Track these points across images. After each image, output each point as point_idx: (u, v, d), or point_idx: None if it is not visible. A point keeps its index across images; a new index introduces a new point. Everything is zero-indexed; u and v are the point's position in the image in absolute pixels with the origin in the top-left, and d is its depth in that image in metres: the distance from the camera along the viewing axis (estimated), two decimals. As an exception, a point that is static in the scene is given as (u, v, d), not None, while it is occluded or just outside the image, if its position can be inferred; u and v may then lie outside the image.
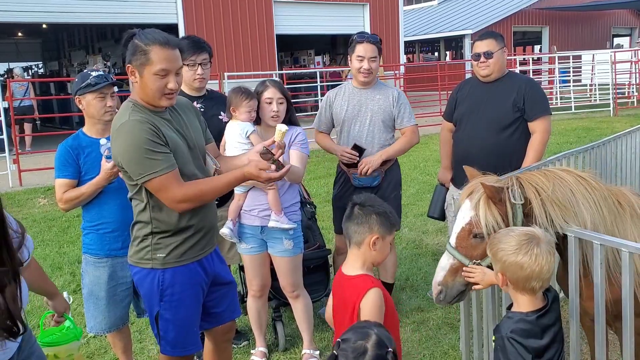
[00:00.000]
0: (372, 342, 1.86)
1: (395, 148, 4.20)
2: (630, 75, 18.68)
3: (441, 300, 2.62)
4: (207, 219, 2.75)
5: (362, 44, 4.05)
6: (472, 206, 2.53)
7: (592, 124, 14.40)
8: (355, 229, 2.41)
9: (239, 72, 14.82)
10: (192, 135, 2.73)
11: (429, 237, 6.31)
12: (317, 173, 9.96)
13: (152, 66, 2.48)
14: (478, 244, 2.51)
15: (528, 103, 4.02)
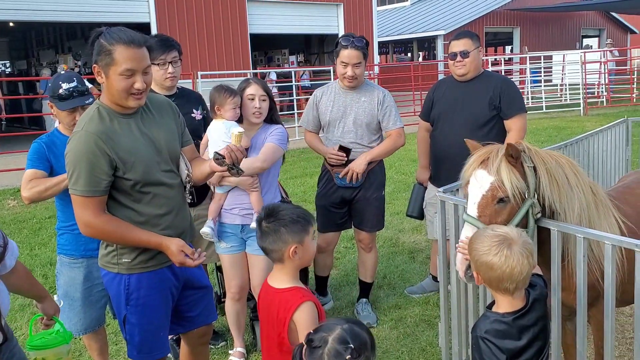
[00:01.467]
0: (334, 336, 1.80)
1: (379, 150, 4.17)
2: (600, 76, 19.03)
3: (470, 275, 2.49)
4: (175, 225, 2.68)
5: (347, 50, 3.99)
6: (492, 171, 2.48)
7: (563, 123, 14.65)
8: (271, 248, 2.32)
9: (213, 72, 14.71)
10: (162, 139, 2.63)
11: (405, 235, 6.34)
12: (293, 173, 9.94)
13: (116, 66, 2.41)
14: (502, 209, 2.48)
15: (504, 101, 4.07)
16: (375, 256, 4.50)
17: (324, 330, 1.85)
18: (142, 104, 2.55)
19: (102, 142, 2.44)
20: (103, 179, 2.45)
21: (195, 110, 3.82)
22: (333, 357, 1.76)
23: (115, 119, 2.53)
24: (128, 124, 2.55)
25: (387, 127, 4.17)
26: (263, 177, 3.58)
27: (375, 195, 4.23)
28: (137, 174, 2.51)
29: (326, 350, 1.77)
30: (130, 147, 2.51)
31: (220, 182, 3.52)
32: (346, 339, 1.78)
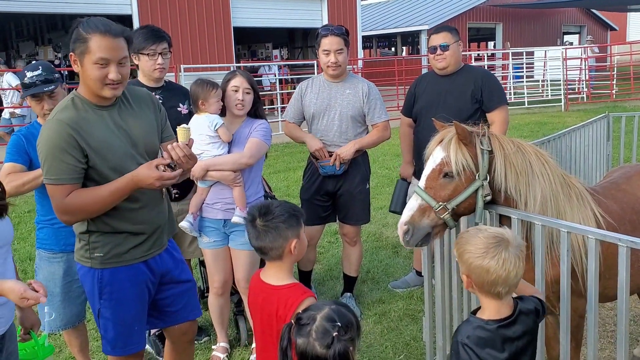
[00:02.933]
0: (322, 314, 1.82)
1: (367, 140, 4.18)
2: (580, 72, 19.23)
3: (408, 240, 2.67)
4: (150, 220, 2.64)
5: (328, 37, 4.00)
6: (442, 148, 2.64)
7: (544, 119, 14.77)
8: (271, 246, 2.26)
9: (196, 65, 14.59)
10: (139, 132, 2.60)
11: (389, 230, 6.34)
12: (276, 167, 9.90)
13: (91, 55, 2.39)
14: (447, 183, 2.63)
15: (486, 94, 4.12)
16: (360, 250, 4.49)
17: (312, 310, 1.87)
18: (117, 94, 2.51)
19: (71, 130, 2.41)
20: (73, 167, 2.42)
21: (182, 104, 3.78)
22: (321, 333, 1.78)
23: (90, 109, 2.51)
24: (103, 116, 2.52)
25: (372, 120, 4.17)
26: (246, 172, 3.55)
27: (359, 188, 4.22)
28: (109, 166, 2.48)
29: (314, 327, 1.80)
30: (102, 138, 2.48)
31: (203, 177, 3.49)
32: (334, 317, 1.81)
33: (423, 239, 2.69)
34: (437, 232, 2.72)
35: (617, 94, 18.46)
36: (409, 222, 2.65)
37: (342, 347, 1.75)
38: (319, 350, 1.76)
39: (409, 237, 2.66)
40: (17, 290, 2.07)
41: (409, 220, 2.65)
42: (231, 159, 3.48)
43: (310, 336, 1.78)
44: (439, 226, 2.69)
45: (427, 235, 2.69)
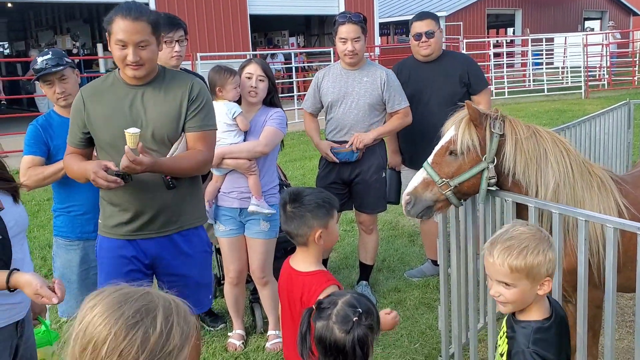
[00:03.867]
0: (344, 300, 1.84)
1: (387, 127, 4.17)
2: (601, 58, 18.90)
3: (409, 210, 2.82)
4: (138, 202, 2.65)
5: (345, 25, 3.98)
6: (455, 127, 2.72)
7: (564, 106, 14.57)
8: (295, 232, 2.30)
9: (212, 53, 14.58)
10: (152, 116, 2.62)
11: (405, 218, 6.31)
12: (292, 155, 9.90)
13: (113, 35, 2.52)
14: (451, 161, 2.72)
15: (472, 77, 4.27)
16: (376, 238, 4.48)
17: (334, 295, 1.90)
18: (138, 75, 2.58)
19: (82, 100, 2.66)
20: (75, 133, 2.70)
21: (198, 91, 3.79)
22: (342, 317, 1.78)
23: (117, 85, 2.65)
24: (127, 93, 2.62)
25: (392, 107, 4.14)
26: (261, 161, 3.55)
27: (375, 177, 4.20)
28: (105, 140, 2.63)
29: (335, 310, 1.80)
30: (107, 113, 2.61)
31: (219, 165, 3.49)
32: (355, 303, 1.82)
33: (424, 211, 2.80)
34: (439, 207, 2.82)
35: (639, 80, 18.13)
36: (412, 193, 2.79)
37: (361, 332, 1.75)
38: (338, 334, 1.76)
39: (409, 207, 2.81)
40: (33, 285, 2.08)
41: (412, 192, 2.78)
42: (247, 147, 3.48)
43: (330, 319, 1.79)
44: (441, 202, 2.79)
45: (428, 208, 2.79)
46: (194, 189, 2.85)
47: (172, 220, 2.76)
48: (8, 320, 2.14)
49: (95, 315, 1.23)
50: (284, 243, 4.01)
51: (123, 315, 1.21)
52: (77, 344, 1.22)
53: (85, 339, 1.21)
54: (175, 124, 2.69)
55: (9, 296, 2.12)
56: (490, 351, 3.10)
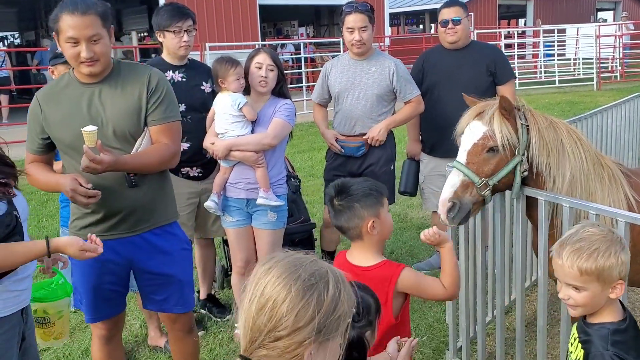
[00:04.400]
0: None
1: (399, 117, 4.14)
2: (614, 50, 18.69)
3: (453, 217, 2.61)
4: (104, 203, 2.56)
5: (352, 15, 3.94)
6: (485, 121, 2.59)
7: (575, 98, 14.44)
8: (347, 226, 2.24)
9: (221, 43, 14.55)
10: (111, 113, 2.54)
11: (414, 210, 6.29)
12: (300, 147, 9.88)
13: (62, 34, 2.43)
14: (490, 158, 2.59)
15: (499, 68, 4.23)
16: (385, 231, 4.45)
17: None
18: (95, 71, 2.50)
19: (38, 106, 2.59)
20: (33, 139, 2.64)
21: (205, 82, 3.76)
22: None
23: (72, 86, 2.58)
24: (83, 93, 2.56)
25: (405, 97, 4.11)
26: (269, 153, 3.52)
27: (384, 169, 4.17)
28: (66, 143, 2.56)
29: None
30: (64, 114, 2.54)
31: (226, 157, 3.47)
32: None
33: (465, 217, 2.66)
34: (475, 209, 2.70)
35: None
36: (454, 198, 2.60)
37: (355, 334, 1.71)
38: None
39: (454, 214, 2.61)
40: (75, 243, 2.19)
41: (454, 197, 2.60)
42: (254, 139, 3.45)
43: None
44: (478, 203, 2.67)
45: (469, 212, 2.65)
46: (163, 185, 2.78)
47: (143, 219, 2.68)
48: (18, 306, 2.17)
49: (273, 277, 1.29)
50: (291, 235, 4.01)
51: (300, 277, 1.28)
52: (253, 304, 1.29)
53: (263, 298, 1.28)
54: (136, 119, 2.59)
55: (18, 283, 2.14)
56: (499, 345, 3.08)
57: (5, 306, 2.08)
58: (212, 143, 3.50)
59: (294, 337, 1.25)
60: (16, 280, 2.13)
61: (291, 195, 4.12)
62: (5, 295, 2.07)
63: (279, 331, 1.26)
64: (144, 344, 3.83)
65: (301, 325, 1.25)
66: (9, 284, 2.08)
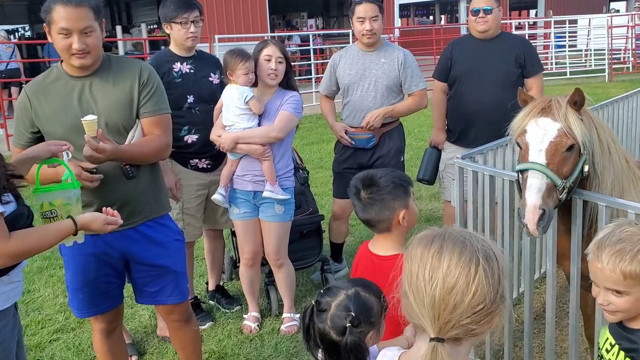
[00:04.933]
0: (337, 302, 1.74)
1: (399, 107, 4.09)
2: (626, 40, 18.50)
3: (542, 226, 2.34)
4: (97, 195, 2.57)
5: (362, 5, 3.92)
6: (559, 118, 2.36)
7: (587, 90, 13.83)
8: (377, 219, 2.18)
9: (230, 35, 14.54)
10: (103, 106, 2.56)
11: (422, 202, 6.28)
12: (309, 139, 9.87)
13: (55, 25, 2.43)
14: (569, 157, 2.37)
15: (528, 60, 4.14)
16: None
17: (329, 294, 1.79)
18: (86, 63, 2.51)
19: (27, 99, 2.57)
20: (21, 134, 2.60)
21: (213, 74, 3.75)
22: (335, 322, 1.72)
23: (62, 79, 2.57)
24: (73, 86, 2.56)
25: (409, 89, 4.07)
26: (276, 145, 3.51)
27: (394, 161, 4.15)
28: (57, 137, 2.50)
29: (329, 315, 1.74)
30: (55, 108, 2.53)
31: (233, 149, 3.48)
32: (348, 306, 1.73)
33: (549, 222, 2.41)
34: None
35: (665, 63, 17.74)
36: (544, 205, 2.31)
37: (353, 339, 1.68)
38: (335, 337, 1.72)
39: (543, 223, 2.33)
40: (99, 218, 2.24)
41: (543, 203, 2.31)
42: (260, 132, 3.45)
43: (326, 324, 1.73)
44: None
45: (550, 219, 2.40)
46: (155, 177, 2.80)
47: (136, 211, 2.69)
48: (16, 297, 2.19)
49: (454, 258, 1.31)
50: (299, 226, 4.02)
51: (477, 251, 1.32)
52: (437, 288, 1.30)
53: (450, 281, 1.29)
54: (128, 111, 2.61)
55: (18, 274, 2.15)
56: (507, 337, 3.07)
57: (7, 298, 2.10)
58: (219, 135, 3.50)
59: (490, 306, 1.30)
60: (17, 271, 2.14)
61: (299, 187, 4.12)
62: (9, 287, 2.09)
63: (476, 306, 1.29)
64: (153, 334, 3.86)
65: (494, 293, 1.30)
66: (13, 275, 2.10)
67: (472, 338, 1.36)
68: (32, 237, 2.04)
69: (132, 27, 19.25)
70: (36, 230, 2.10)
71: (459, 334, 1.32)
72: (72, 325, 3.98)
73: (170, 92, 3.13)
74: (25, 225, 2.08)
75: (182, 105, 3.59)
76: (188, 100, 3.62)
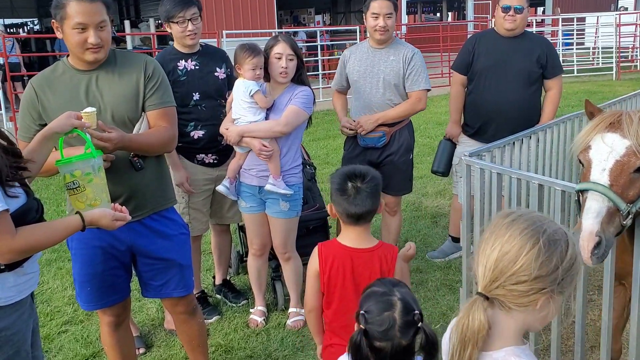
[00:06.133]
0: (399, 310, 1.69)
1: (392, 113, 4.02)
2: (635, 39, 18.42)
3: (599, 255, 2.12)
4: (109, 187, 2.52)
5: (377, 1, 3.93)
6: (626, 134, 2.13)
7: (594, 88, 14.27)
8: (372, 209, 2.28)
9: (238, 30, 14.55)
10: (109, 99, 2.59)
11: (428, 199, 6.29)
12: (316, 135, 9.88)
13: (69, 20, 2.46)
14: (636, 179, 2.13)
15: (550, 61, 4.21)
16: (400, 220, 4.47)
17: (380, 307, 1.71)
18: (99, 57, 2.55)
19: (34, 92, 2.58)
20: (28, 127, 2.59)
21: (219, 68, 3.76)
22: (405, 329, 1.69)
23: (68, 73, 2.60)
24: (79, 80, 2.59)
25: (409, 88, 4.03)
26: (283, 139, 3.52)
27: (403, 159, 4.16)
28: None
29: (397, 327, 1.68)
30: (63, 101, 2.54)
31: (240, 143, 3.49)
32: (411, 305, 1.71)
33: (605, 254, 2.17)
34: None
35: (674, 62, 17.65)
36: (601, 232, 2.09)
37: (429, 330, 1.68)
38: (404, 343, 1.69)
39: (601, 252, 2.11)
40: (107, 214, 2.24)
41: (601, 229, 2.09)
42: (265, 126, 3.46)
43: (395, 337, 1.67)
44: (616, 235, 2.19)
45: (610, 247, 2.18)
46: (161, 170, 2.83)
47: (142, 204, 2.72)
48: (32, 287, 2.21)
49: (519, 228, 1.44)
50: (306, 222, 4.04)
51: (546, 232, 1.42)
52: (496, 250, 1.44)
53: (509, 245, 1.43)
54: (134, 104, 2.65)
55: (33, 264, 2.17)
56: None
57: (23, 289, 2.13)
58: (227, 128, 3.52)
59: (535, 283, 1.41)
60: (32, 262, 2.17)
61: (306, 183, 4.13)
62: (23, 278, 2.12)
63: (522, 275, 1.41)
64: (160, 327, 3.89)
65: (544, 275, 1.40)
66: (27, 267, 2.13)
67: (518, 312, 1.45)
68: (39, 234, 2.05)
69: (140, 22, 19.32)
70: (42, 226, 2.11)
71: (501, 296, 1.45)
72: (80, 317, 4.03)
73: (176, 91, 3.16)
74: (34, 220, 2.09)
75: (188, 103, 3.62)
76: (194, 97, 3.64)
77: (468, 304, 1.48)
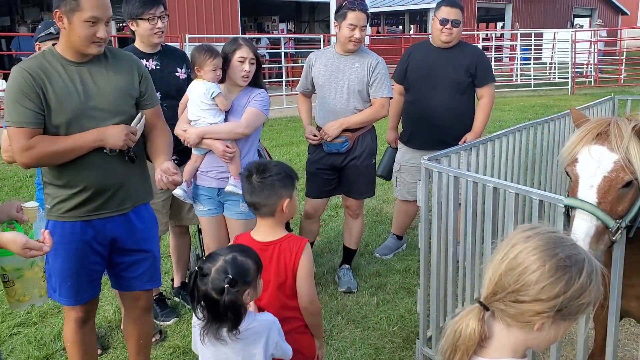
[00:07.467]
0: (216, 267, 2.01)
1: (355, 119, 4.09)
2: (589, 55, 19.05)
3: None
4: (92, 181, 2.61)
5: (355, 12, 3.96)
6: (614, 147, 2.03)
7: (550, 102, 14.69)
8: (264, 202, 2.39)
9: (201, 35, 14.48)
10: (104, 91, 2.59)
11: (389, 205, 6.37)
12: (279, 141, 9.89)
13: (82, 13, 2.43)
14: (625, 194, 2.04)
15: (480, 70, 4.37)
16: (362, 223, 4.52)
17: (210, 260, 2.04)
18: (101, 51, 2.58)
19: (31, 78, 2.47)
20: (33, 112, 2.47)
21: (180, 69, 3.76)
22: (215, 284, 1.99)
23: (59, 63, 2.55)
24: (70, 71, 2.56)
25: (373, 95, 4.10)
26: (242, 141, 3.51)
27: (366, 163, 4.22)
28: (64, 120, 2.51)
29: (210, 279, 2.00)
30: (59, 91, 2.51)
31: (198, 144, 3.48)
32: (226, 269, 2.00)
33: None
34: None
35: (626, 79, 18.30)
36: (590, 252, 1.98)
37: (230, 298, 1.97)
38: (215, 296, 1.99)
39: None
40: (18, 240, 2.12)
41: (589, 249, 2.01)
42: (227, 128, 3.45)
43: (208, 285, 1.99)
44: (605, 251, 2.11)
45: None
46: (143, 163, 2.88)
47: (128, 197, 2.74)
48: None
49: (531, 246, 1.37)
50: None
51: (556, 256, 1.35)
52: (504, 263, 1.39)
53: (515, 261, 1.37)
54: (129, 98, 2.69)
55: None
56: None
57: None
58: (184, 130, 3.50)
59: (534, 305, 1.35)
60: None
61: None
62: None
63: (521, 295, 1.36)
64: (117, 329, 3.83)
65: (544, 298, 1.34)
66: None
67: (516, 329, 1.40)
68: None
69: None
70: None
71: (499, 310, 1.41)
72: (33, 319, 3.93)
73: None
74: None
75: None
76: None
77: (467, 309, 1.46)
